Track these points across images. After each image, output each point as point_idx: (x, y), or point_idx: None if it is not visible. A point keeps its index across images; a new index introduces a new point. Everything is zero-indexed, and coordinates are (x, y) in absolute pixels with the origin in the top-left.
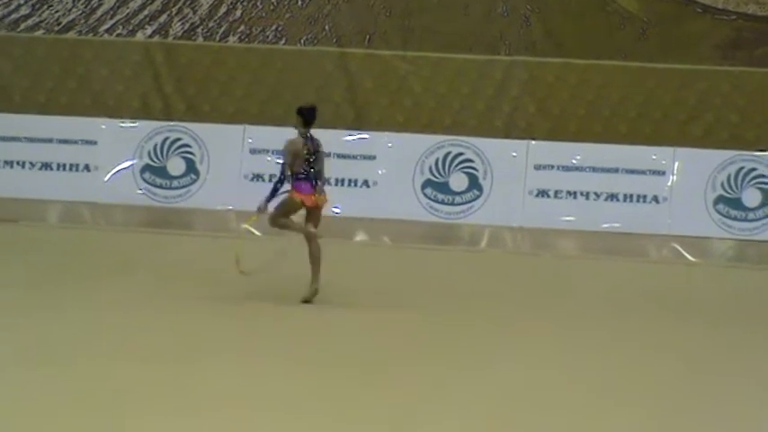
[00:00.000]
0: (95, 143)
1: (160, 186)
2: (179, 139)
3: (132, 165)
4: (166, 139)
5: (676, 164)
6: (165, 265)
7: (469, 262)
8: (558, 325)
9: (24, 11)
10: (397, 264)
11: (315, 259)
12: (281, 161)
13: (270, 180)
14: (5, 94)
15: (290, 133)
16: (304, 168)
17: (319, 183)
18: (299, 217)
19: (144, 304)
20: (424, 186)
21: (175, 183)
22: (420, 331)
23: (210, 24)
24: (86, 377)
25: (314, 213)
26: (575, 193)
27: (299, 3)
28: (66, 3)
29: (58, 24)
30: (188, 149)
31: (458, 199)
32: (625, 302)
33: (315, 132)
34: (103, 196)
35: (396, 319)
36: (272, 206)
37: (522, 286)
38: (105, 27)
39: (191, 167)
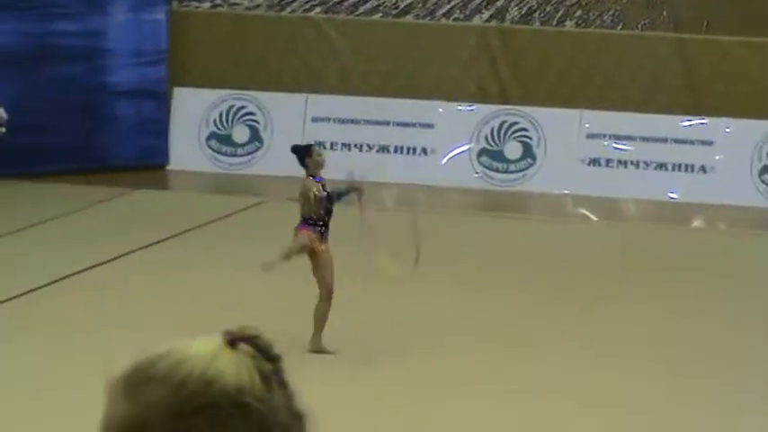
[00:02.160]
0: (432, 126)
1: (496, 170)
2: (516, 123)
3: (469, 148)
4: (503, 123)
5: None
6: (499, 248)
7: None
8: None
9: None
10: (731, 250)
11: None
12: None
13: (606, 164)
14: (344, 76)
15: (625, 118)
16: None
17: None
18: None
19: (478, 287)
20: (761, 172)
21: (512, 167)
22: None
23: (548, 9)
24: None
25: (318, 262)
26: None
27: None
28: None
29: (396, 8)
30: (525, 134)
31: None
32: None
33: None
34: (439, 180)
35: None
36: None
37: None
38: (442, 11)
39: (528, 152)
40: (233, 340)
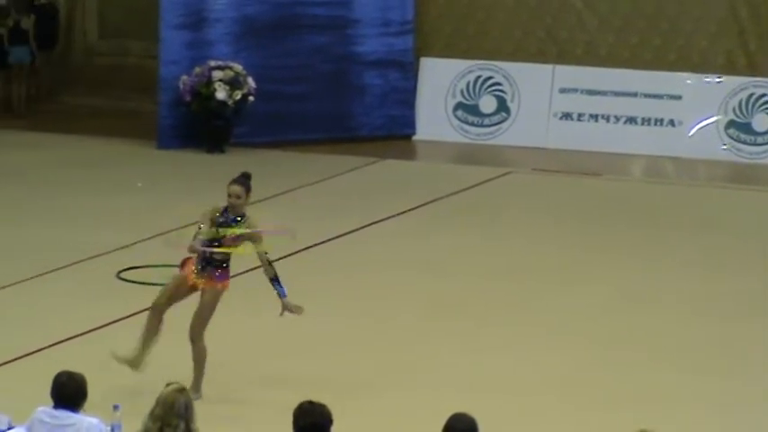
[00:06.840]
0: (680, 98)
1: (744, 142)
2: (764, 95)
3: (716, 120)
4: (752, 95)
5: None
6: (747, 223)
7: None
8: None
9: None
10: None
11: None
12: None
13: None
14: (592, 48)
15: None
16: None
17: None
18: None
19: (721, 264)
20: None
21: (760, 139)
22: None
23: None
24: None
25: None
26: None
27: None
28: None
29: None
30: None
31: None
32: None
33: None
34: (687, 151)
35: None
36: None
37: None
38: None
39: None
40: None
